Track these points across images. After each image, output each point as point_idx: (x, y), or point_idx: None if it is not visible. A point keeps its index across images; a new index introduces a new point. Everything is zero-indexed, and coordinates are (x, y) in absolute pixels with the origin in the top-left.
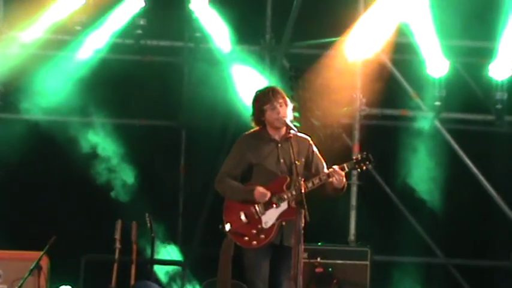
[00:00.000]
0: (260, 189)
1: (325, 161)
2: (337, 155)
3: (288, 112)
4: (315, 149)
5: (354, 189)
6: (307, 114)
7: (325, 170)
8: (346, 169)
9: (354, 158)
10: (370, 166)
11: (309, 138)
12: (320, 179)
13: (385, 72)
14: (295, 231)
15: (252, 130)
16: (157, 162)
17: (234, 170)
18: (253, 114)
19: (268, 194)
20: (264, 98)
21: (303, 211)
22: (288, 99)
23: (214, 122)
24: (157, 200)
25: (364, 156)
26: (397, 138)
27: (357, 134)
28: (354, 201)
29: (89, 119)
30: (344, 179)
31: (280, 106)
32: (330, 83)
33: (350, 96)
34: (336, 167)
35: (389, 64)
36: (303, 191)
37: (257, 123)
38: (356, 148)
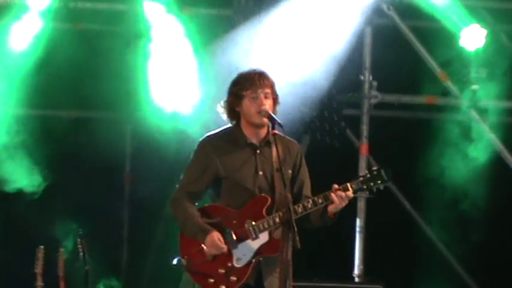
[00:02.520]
0: (214, 237)
1: (315, 172)
2: (338, 160)
3: (275, 108)
4: (303, 160)
5: (361, 204)
6: (297, 102)
7: (309, 191)
8: (350, 190)
9: (361, 175)
10: (382, 186)
11: (298, 145)
12: (315, 203)
13: (403, 46)
14: (282, 262)
15: (219, 129)
16: (93, 167)
17: (196, 185)
18: (227, 101)
19: (224, 249)
20: (245, 82)
21: (291, 235)
22: (277, 94)
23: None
24: (93, 220)
25: (375, 172)
26: (420, 134)
27: (365, 130)
28: (361, 220)
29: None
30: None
31: (265, 97)
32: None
33: (355, 77)
34: (337, 186)
35: (409, 35)
36: (291, 208)
37: (229, 116)
38: (364, 149)
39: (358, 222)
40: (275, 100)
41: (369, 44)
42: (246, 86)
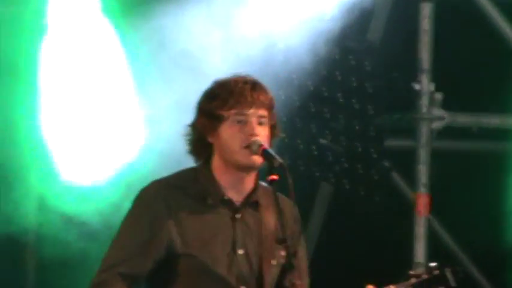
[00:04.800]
0: None
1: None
2: (379, 227)
3: (272, 142)
4: (302, 235)
5: None
6: (309, 129)
7: (307, 280)
8: None
9: (413, 274)
10: None
11: (295, 207)
12: None
13: (484, 34)
14: None
15: (174, 174)
16: None
17: (134, 264)
18: (193, 125)
19: None
20: (228, 96)
21: None
22: (277, 119)
23: None
24: None
25: (436, 273)
26: None
27: (424, 173)
28: None
29: None
30: None
31: (259, 123)
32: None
33: (406, 86)
34: None
35: (493, 14)
36: None
37: (194, 151)
38: (422, 205)
39: None
40: (273, 129)
41: (428, 31)
42: (229, 103)
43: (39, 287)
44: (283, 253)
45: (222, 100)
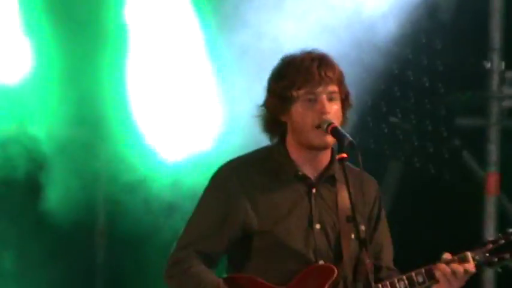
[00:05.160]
0: None
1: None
2: (450, 203)
3: (345, 117)
4: (383, 211)
5: (489, 277)
6: (379, 107)
7: (391, 260)
8: (472, 262)
9: (491, 240)
10: None
11: (377, 185)
12: (411, 282)
13: None
14: None
15: (249, 153)
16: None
17: (210, 243)
18: (265, 105)
19: None
20: (296, 75)
21: None
22: (349, 92)
23: None
24: None
25: None
26: None
27: (494, 152)
28: None
29: None
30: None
31: (330, 99)
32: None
33: (476, 64)
34: (449, 256)
35: None
36: (372, 283)
37: (268, 130)
38: (493, 183)
39: None
40: (345, 103)
41: (499, 10)
42: (298, 83)
43: (110, 264)
44: (363, 227)
45: (291, 80)
